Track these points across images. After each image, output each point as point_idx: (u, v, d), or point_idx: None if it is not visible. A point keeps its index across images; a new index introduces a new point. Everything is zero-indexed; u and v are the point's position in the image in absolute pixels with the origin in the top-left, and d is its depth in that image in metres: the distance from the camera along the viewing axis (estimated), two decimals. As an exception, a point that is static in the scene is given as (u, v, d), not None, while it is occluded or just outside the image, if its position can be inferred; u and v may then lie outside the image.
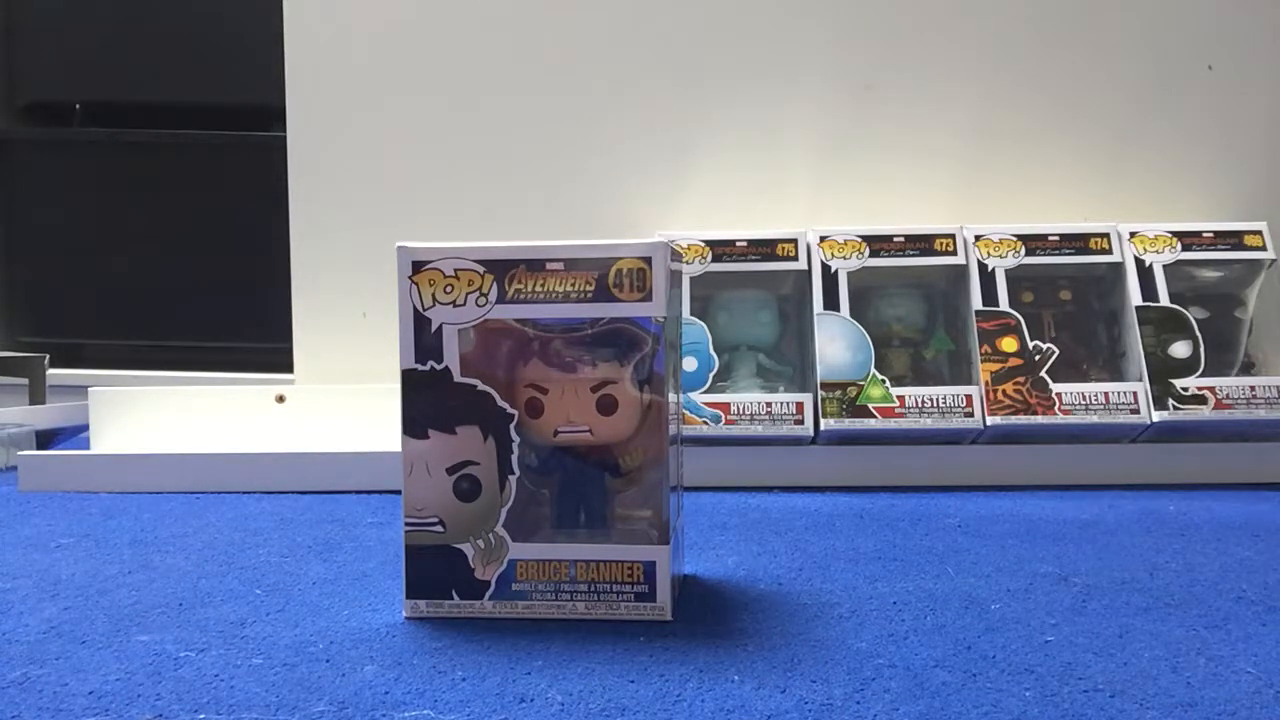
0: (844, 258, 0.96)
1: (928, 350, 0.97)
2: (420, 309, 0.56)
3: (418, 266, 0.56)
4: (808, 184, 1.06)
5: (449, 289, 0.55)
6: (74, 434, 1.17)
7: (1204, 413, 0.90)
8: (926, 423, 0.90)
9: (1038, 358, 0.92)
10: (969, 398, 0.91)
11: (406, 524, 0.56)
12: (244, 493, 0.90)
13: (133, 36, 1.59)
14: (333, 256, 1.08)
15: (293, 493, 0.90)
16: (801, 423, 0.91)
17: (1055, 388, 0.91)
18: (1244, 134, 1.05)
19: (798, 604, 0.58)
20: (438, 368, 0.56)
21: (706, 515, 0.80)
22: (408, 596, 0.56)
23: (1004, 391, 0.91)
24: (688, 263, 0.97)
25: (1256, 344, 0.97)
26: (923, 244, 0.97)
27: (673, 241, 0.56)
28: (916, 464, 0.92)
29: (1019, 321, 0.93)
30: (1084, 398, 0.90)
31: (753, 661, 0.49)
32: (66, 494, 0.90)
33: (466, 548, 0.55)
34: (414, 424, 0.57)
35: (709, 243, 0.97)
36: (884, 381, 0.91)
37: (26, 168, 1.61)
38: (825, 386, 0.91)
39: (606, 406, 0.55)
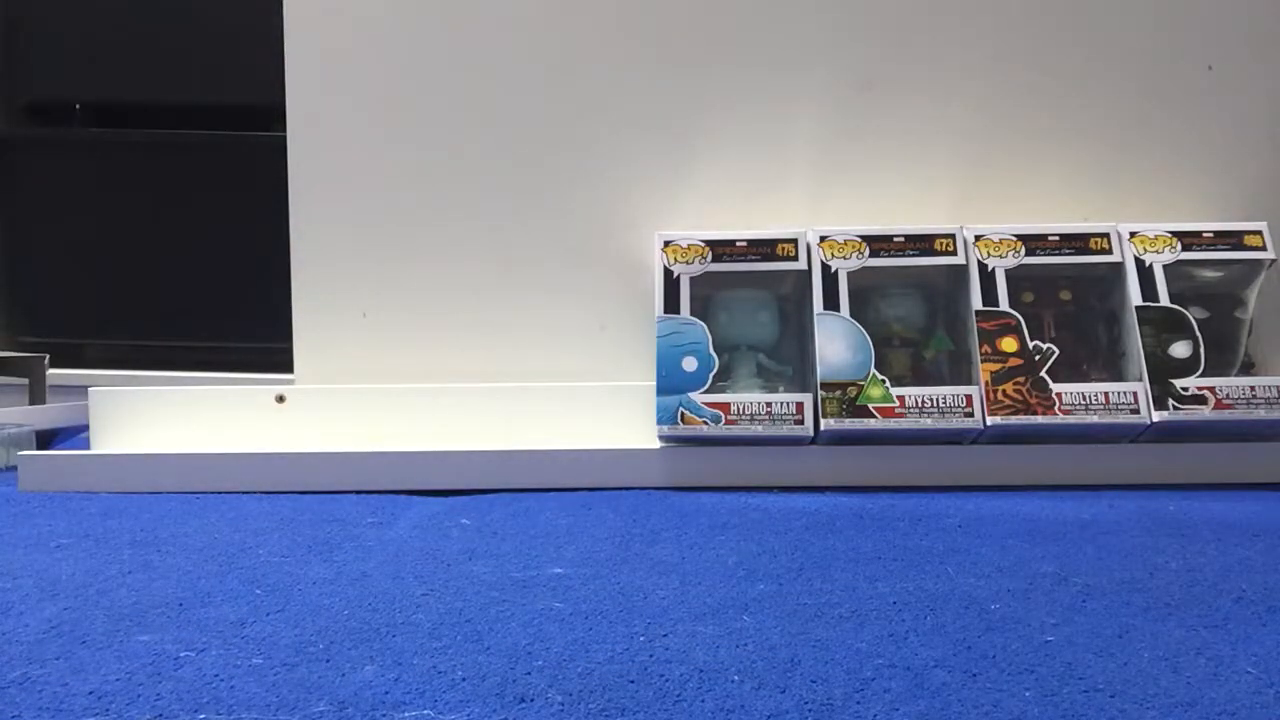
0: (844, 258, 0.96)
1: (928, 350, 0.97)
2: None
3: None
4: (808, 184, 1.06)
5: None
6: (74, 434, 1.17)
7: (1204, 413, 0.90)
8: (926, 423, 0.90)
9: (1038, 358, 0.92)
10: (969, 398, 0.91)
11: None
12: (244, 493, 0.90)
13: (133, 36, 1.59)
14: (333, 256, 1.08)
15: (293, 493, 0.90)
16: (801, 423, 0.91)
17: (1055, 388, 0.91)
18: (1244, 134, 1.05)
19: (798, 604, 0.58)
20: None
21: (706, 515, 0.80)
22: None
23: (1004, 391, 0.91)
24: (688, 263, 0.97)
25: (1256, 344, 0.97)
26: (923, 244, 0.97)
27: (671, 242, 0.56)
28: (916, 464, 0.92)
29: (1019, 321, 0.93)
30: (1084, 398, 0.90)
31: (753, 661, 0.49)
32: (66, 494, 0.90)
33: None
34: None
35: (709, 243, 0.97)
36: (884, 381, 0.91)
37: (26, 168, 1.61)
38: (825, 386, 0.91)
39: None
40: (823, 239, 0.97)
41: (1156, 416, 0.90)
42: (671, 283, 0.97)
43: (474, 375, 1.06)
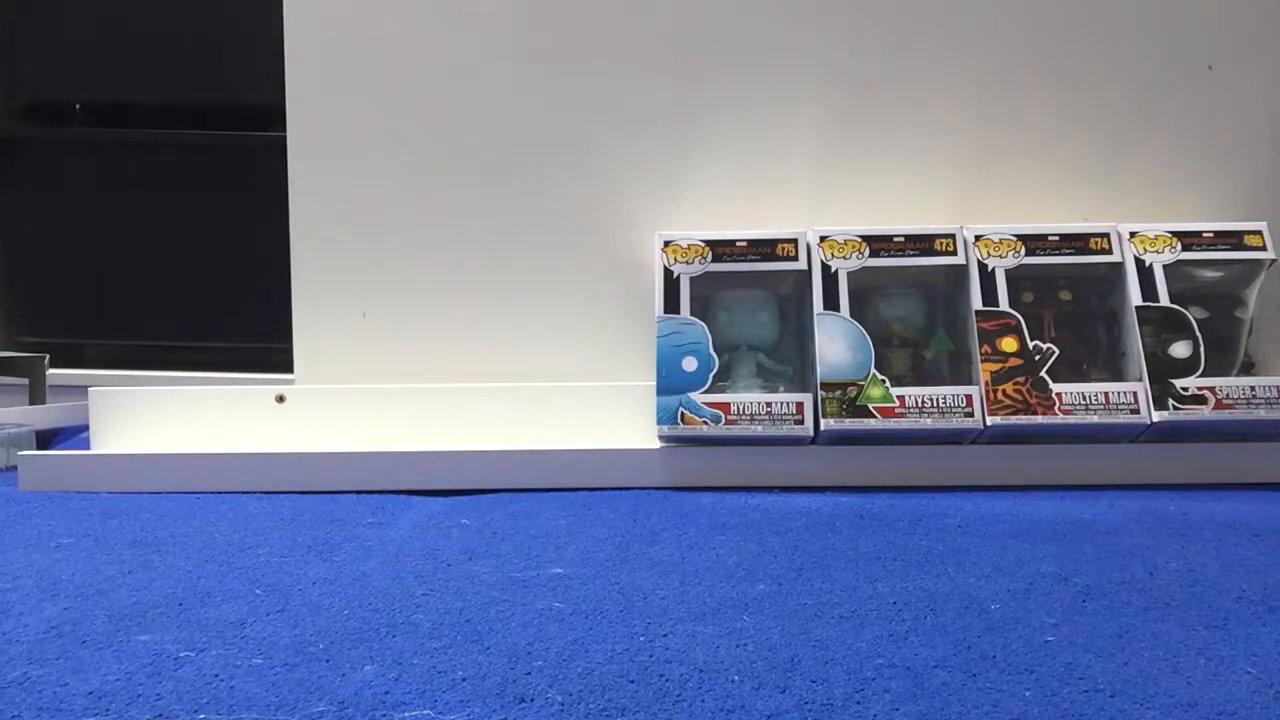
0: (844, 258, 0.96)
1: (928, 350, 0.97)
2: None
3: None
4: (808, 184, 1.06)
5: None
6: (74, 434, 1.16)
7: (1204, 413, 0.90)
8: (926, 423, 0.90)
9: (1038, 358, 0.92)
10: (969, 398, 0.91)
11: None
12: (244, 493, 0.90)
13: (133, 36, 1.59)
14: (333, 256, 1.08)
15: (293, 493, 0.90)
16: (801, 423, 0.91)
17: (1055, 388, 0.91)
18: (1244, 134, 1.05)
19: (798, 604, 0.58)
20: None
21: (706, 515, 0.80)
22: None
23: (1004, 391, 0.91)
24: (688, 263, 0.97)
25: (1256, 344, 0.97)
26: (923, 244, 0.97)
27: (671, 242, 0.56)
28: (916, 464, 0.92)
29: (1019, 321, 0.93)
30: (1084, 398, 0.90)
31: (753, 661, 0.49)
32: (66, 494, 0.90)
33: None
34: None
35: (709, 243, 0.97)
36: (884, 381, 0.91)
37: (26, 168, 1.61)
38: (825, 386, 0.91)
39: None
40: (823, 239, 0.97)
41: (1156, 416, 0.90)
42: (671, 283, 0.97)
43: (474, 375, 1.06)
